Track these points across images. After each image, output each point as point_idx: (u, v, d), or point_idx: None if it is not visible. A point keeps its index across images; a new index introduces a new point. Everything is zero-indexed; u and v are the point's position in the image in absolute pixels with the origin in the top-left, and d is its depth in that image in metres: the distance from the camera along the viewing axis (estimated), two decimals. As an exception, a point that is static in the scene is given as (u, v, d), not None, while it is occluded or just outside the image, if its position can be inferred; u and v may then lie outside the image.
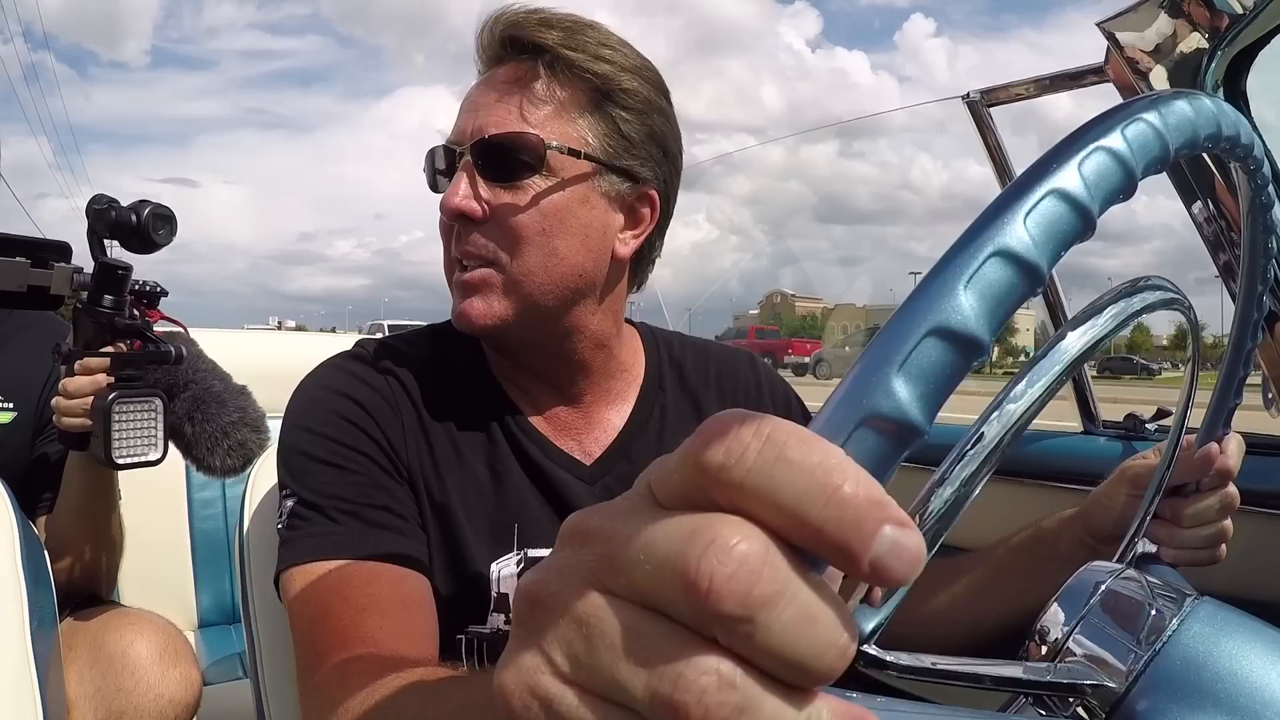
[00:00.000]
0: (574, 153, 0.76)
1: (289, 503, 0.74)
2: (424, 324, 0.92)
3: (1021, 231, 0.25)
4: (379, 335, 1.11)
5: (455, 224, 0.76)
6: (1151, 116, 0.29)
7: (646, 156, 0.79)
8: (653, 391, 0.88)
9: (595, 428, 0.85)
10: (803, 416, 0.92)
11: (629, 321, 0.91)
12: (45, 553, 1.10)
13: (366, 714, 0.53)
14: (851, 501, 0.21)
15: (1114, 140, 0.28)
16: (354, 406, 0.77)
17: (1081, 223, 0.26)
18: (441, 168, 0.79)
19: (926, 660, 0.29)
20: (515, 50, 0.77)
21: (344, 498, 0.73)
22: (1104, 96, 1.15)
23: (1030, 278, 0.25)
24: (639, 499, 0.24)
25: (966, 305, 0.24)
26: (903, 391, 0.23)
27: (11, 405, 1.34)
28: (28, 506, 1.28)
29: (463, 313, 0.77)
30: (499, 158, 0.75)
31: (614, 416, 0.86)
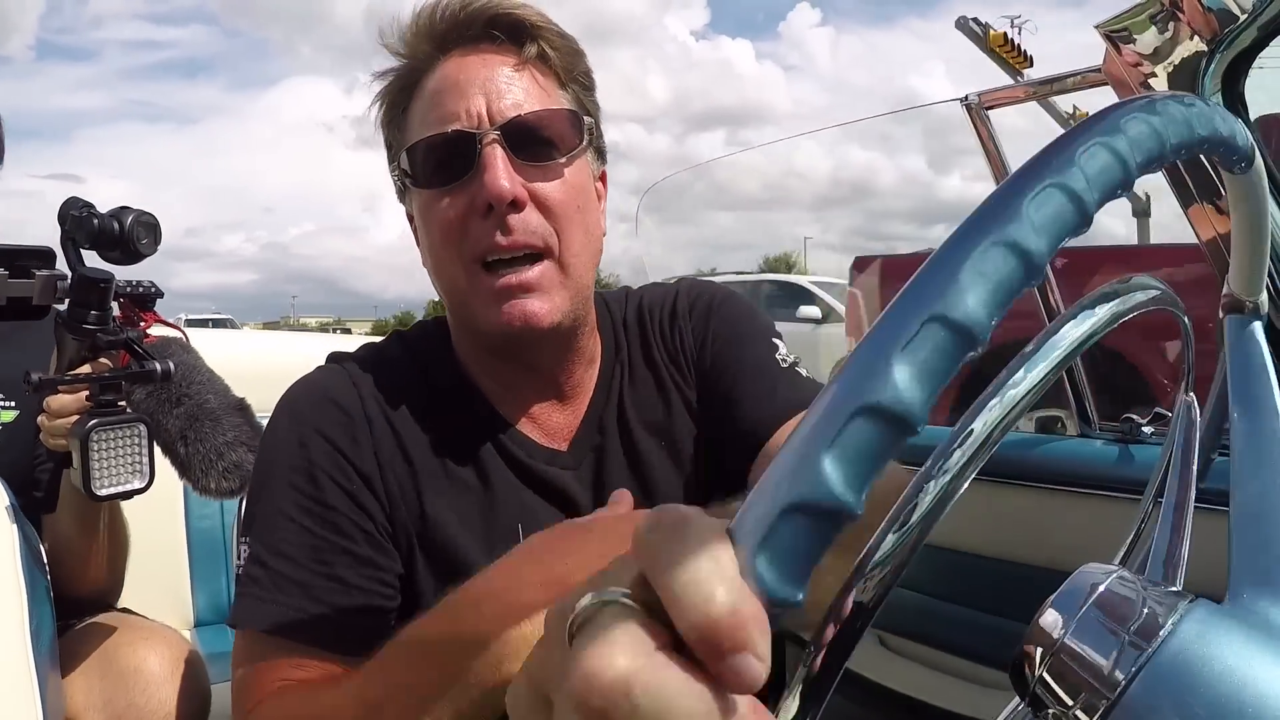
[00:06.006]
0: (591, 129, 0.78)
1: (244, 550, 0.73)
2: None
3: (963, 301, 0.24)
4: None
5: (496, 213, 0.72)
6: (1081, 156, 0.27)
7: (601, 135, 0.82)
8: (611, 356, 0.87)
9: (572, 408, 0.84)
10: (725, 315, 0.87)
11: None
12: (44, 555, 1.09)
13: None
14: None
15: (1018, 231, 0.25)
16: (326, 449, 0.74)
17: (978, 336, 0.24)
18: (443, 158, 0.74)
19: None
20: (500, 31, 0.76)
21: (297, 561, 0.71)
22: (1099, 99, 1.15)
23: (969, 341, 0.24)
24: None
25: (900, 379, 0.23)
26: (832, 474, 0.22)
27: (13, 404, 1.33)
28: (33, 506, 1.27)
29: (530, 314, 0.73)
30: (532, 137, 0.74)
31: (589, 385, 0.85)
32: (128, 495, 1.06)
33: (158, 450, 1.11)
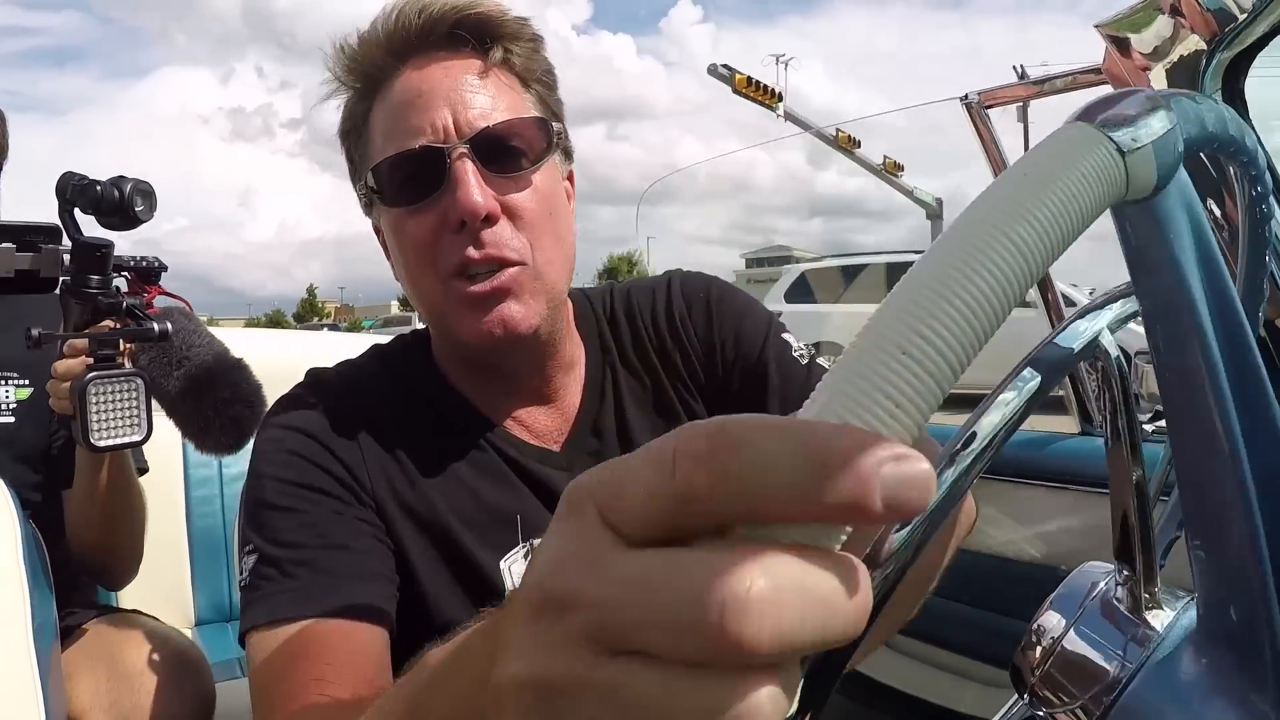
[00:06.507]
0: (559, 133, 0.77)
1: (250, 559, 0.71)
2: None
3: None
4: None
5: (469, 228, 0.71)
6: None
7: (567, 136, 0.80)
8: (599, 357, 0.85)
9: (558, 410, 0.83)
10: (729, 312, 0.86)
11: None
12: (45, 550, 1.10)
13: None
14: (841, 461, 0.20)
15: None
16: (307, 440, 0.75)
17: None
18: (411, 175, 0.73)
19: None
20: (464, 32, 0.74)
21: (298, 544, 0.70)
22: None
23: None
24: (600, 542, 0.22)
25: None
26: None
27: (28, 382, 1.34)
28: (51, 481, 1.29)
29: (505, 320, 0.72)
30: (501, 148, 0.72)
31: (573, 387, 0.84)
32: (127, 447, 1.10)
33: (156, 443, 1.12)
